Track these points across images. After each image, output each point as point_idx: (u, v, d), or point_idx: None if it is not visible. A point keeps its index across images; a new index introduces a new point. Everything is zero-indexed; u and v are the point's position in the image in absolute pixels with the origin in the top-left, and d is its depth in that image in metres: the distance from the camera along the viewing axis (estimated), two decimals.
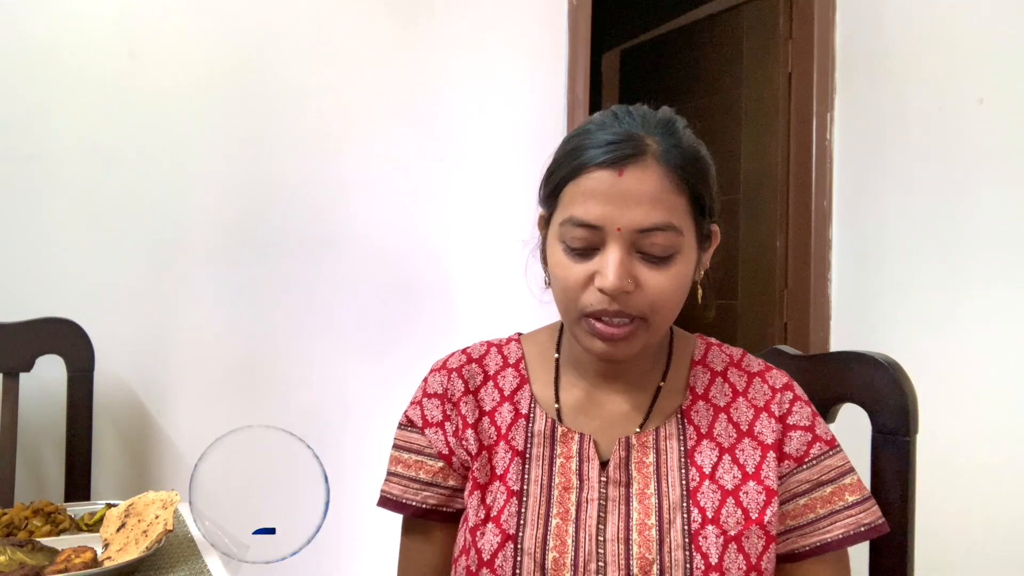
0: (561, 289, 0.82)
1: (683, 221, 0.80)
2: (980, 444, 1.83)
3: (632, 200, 0.77)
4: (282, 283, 1.76)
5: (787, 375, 0.90)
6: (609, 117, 0.83)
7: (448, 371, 0.94)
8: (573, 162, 0.80)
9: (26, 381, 1.45)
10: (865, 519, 0.83)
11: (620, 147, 0.78)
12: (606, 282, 0.77)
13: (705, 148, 0.85)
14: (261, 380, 1.74)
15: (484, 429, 0.90)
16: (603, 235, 0.78)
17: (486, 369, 0.94)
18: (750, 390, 0.88)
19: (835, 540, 0.83)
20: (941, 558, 1.82)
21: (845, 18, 2.28)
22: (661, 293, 0.79)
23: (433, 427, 0.92)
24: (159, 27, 1.66)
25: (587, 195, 0.78)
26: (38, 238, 1.57)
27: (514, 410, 0.90)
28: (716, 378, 0.90)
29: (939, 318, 1.96)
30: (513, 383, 0.92)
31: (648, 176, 0.78)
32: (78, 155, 1.60)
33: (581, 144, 0.81)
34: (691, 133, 0.84)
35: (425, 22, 1.90)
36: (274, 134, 1.76)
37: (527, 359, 0.94)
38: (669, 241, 0.78)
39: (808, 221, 2.33)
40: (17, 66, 1.56)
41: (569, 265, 0.80)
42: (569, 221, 0.80)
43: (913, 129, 2.05)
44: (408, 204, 1.88)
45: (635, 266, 0.78)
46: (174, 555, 1.02)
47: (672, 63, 2.94)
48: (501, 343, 0.96)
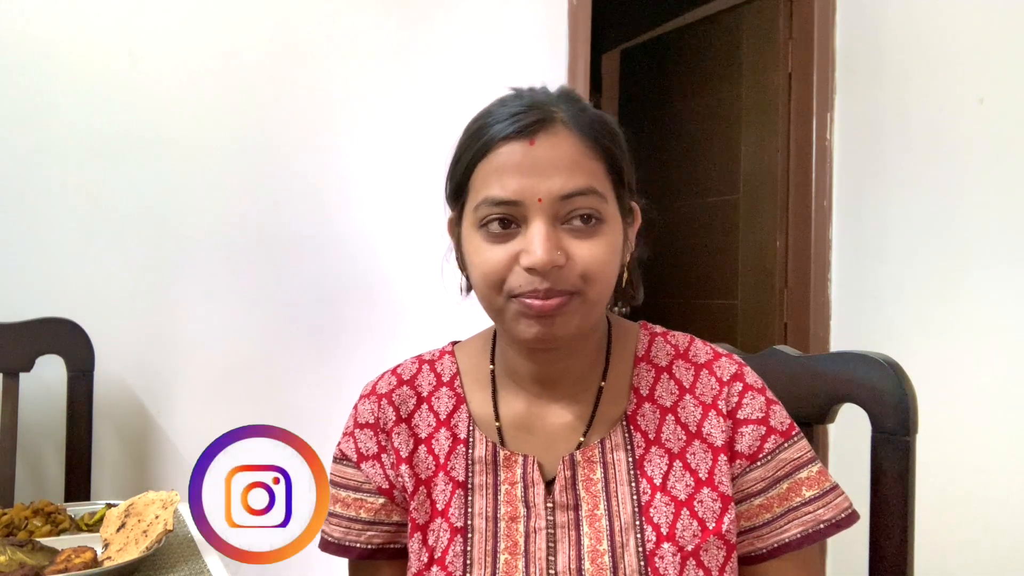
0: (481, 277, 0.75)
1: (604, 187, 0.75)
2: (980, 444, 1.83)
3: (549, 167, 0.72)
4: (282, 283, 1.76)
5: (737, 360, 0.84)
6: (509, 96, 0.79)
7: (378, 397, 0.86)
8: (478, 143, 0.75)
9: (26, 381, 1.45)
10: (824, 515, 0.78)
11: (527, 115, 0.73)
12: (534, 258, 0.70)
13: (615, 120, 0.80)
14: (261, 380, 1.74)
15: (421, 460, 0.83)
16: (523, 210, 0.72)
17: (419, 391, 0.86)
18: (697, 385, 0.81)
19: (793, 540, 0.77)
20: (941, 558, 1.81)
21: (845, 18, 2.28)
22: (593, 261, 0.72)
23: (369, 460, 0.84)
24: (159, 27, 1.66)
25: (499, 171, 0.73)
26: (38, 238, 1.57)
27: (452, 436, 0.83)
28: (661, 375, 0.83)
29: (939, 318, 1.95)
30: (449, 405, 0.85)
31: (561, 141, 0.73)
32: (78, 155, 1.60)
33: (484, 123, 0.76)
34: (594, 106, 0.80)
35: (425, 22, 1.90)
36: (274, 134, 1.76)
37: (462, 374, 0.86)
38: (594, 206, 0.73)
39: (808, 221, 2.33)
40: (17, 66, 1.56)
41: (488, 249, 0.74)
42: (484, 203, 0.73)
43: (913, 129, 2.05)
44: (408, 204, 1.87)
45: (562, 238, 0.72)
46: (174, 555, 1.02)
47: (672, 63, 2.94)
48: (434, 358, 0.89)
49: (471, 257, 0.77)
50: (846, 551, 1.03)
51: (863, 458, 0.94)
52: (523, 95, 0.78)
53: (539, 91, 0.79)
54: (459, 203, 0.80)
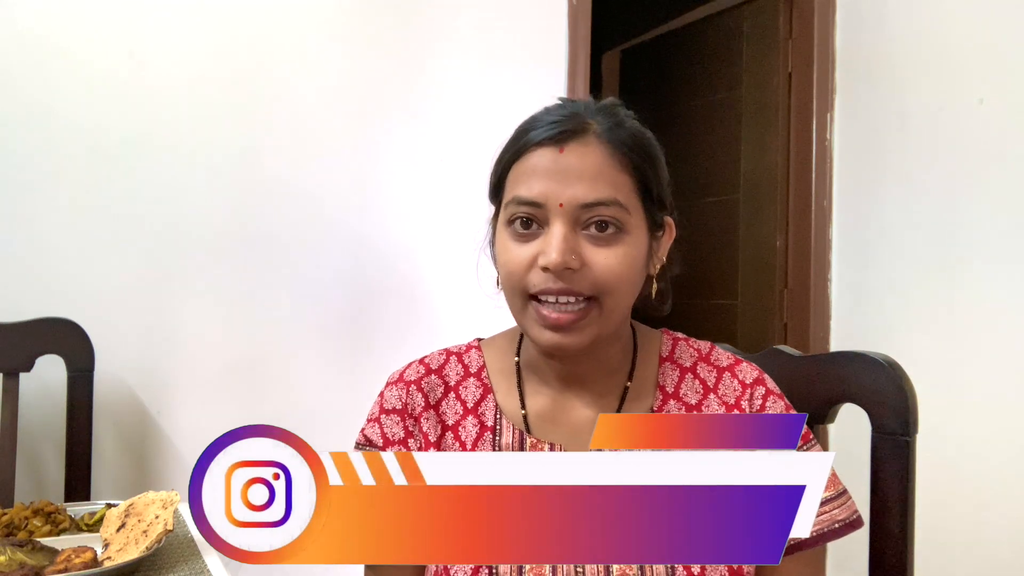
0: (506, 274, 0.80)
1: (629, 200, 0.78)
2: (980, 444, 1.83)
3: (574, 175, 0.76)
4: (282, 283, 1.76)
5: (758, 368, 0.87)
6: (555, 104, 0.84)
7: (406, 384, 0.88)
8: (516, 145, 0.80)
9: (26, 381, 1.45)
10: (840, 515, 0.81)
11: (562, 124, 0.78)
12: (549, 258, 0.75)
13: (652, 137, 0.84)
14: (261, 380, 1.74)
15: (448, 446, 0.85)
16: (546, 212, 0.76)
17: (446, 380, 0.88)
18: (720, 386, 0.85)
19: (809, 538, 0.79)
20: (941, 559, 1.81)
21: (845, 18, 2.28)
22: (608, 271, 0.76)
23: (395, 445, 0.86)
24: (159, 27, 1.66)
25: (529, 173, 0.78)
26: (38, 238, 1.57)
27: (479, 423, 0.86)
28: (686, 375, 0.86)
29: (939, 318, 1.95)
30: (476, 394, 0.87)
31: (590, 151, 0.77)
32: (78, 155, 1.60)
33: (526, 127, 0.81)
34: (635, 121, 0.83)
35: (424, 22, 1.90)
36: (274, 134, 1.76)
37: (488, 367, 0.89)
38: (614, 216, 0.76)
39: (808, 221, 2.33)
40: (17, 66, 1.56)
41: (513, 248, 0.79)
42: (513, 201, 0.78)
43: (913, 129, 2.05)
44: (408, 205, 1.88)
45: (580, 244, 0.76)
46: (174, 555, 1.02)
47: (672, 63, 2.94)
48: (460, 351, 0.91)
49: (500, 254, 0.81)
50: (846, 551, 1.03)
51: (863, 458, 0.94)
52: (566, 105, 0.83)
53: (582, 102, 0.83)
54: (497, 200, 0.84)
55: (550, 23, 2.03)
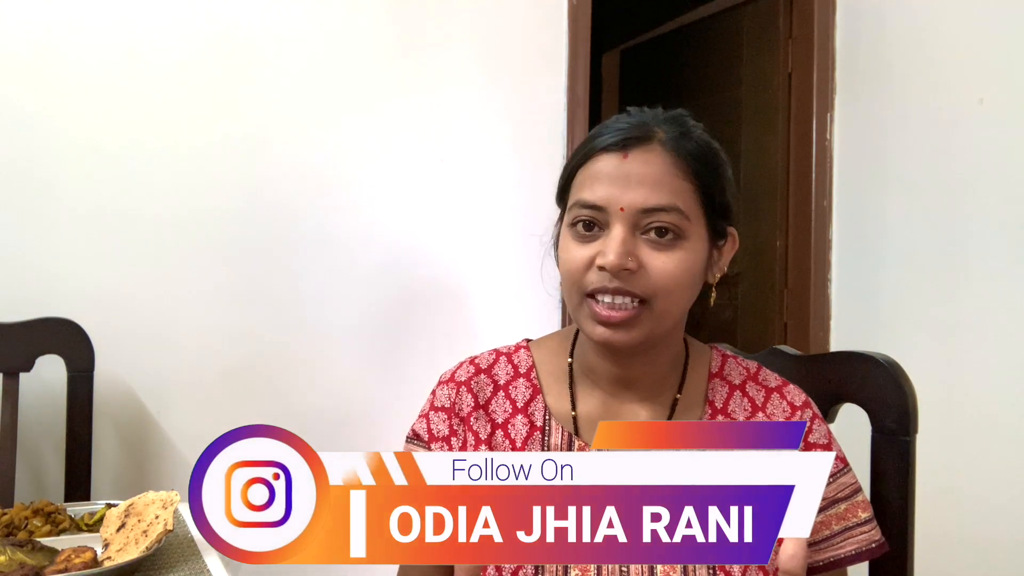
0: (566, 272, 0.82)
1: (690, 208, 0.80)
2: (980, 444, 1.83)
3: (635, 181, 0.78)
4: (283, 283, 1.76)
5: (804, 392, 0.89)
6: (624, 113, 0.86)
7: (456, 384, 0.90)
8: (584, 150, 0.83)
9: (26, 381, 1.45)
10: (875, 536, 0.84)
11: (629, 131, 0.81)
12: (606, 259, 0.77)
13: (719, 147, 0.86)
14: (261, 381, 1.74)
15: (498, 444, 0.87)
16: (607, 216, 0.79)
17: (496, 379, 0.90)
18: (768, 405, 0.87)
19: (847, 556, 0.83)
20: (941, 559, 1.81)
21: (845, 18, 2.28)
22: (664, 274, 0.78)
23: (439, 442, 0.89)
24: (159, 27, 1.66)
25: (593, 177, 0.80)
26: (38, 238, 1.57)
27: (529, 423, 0.87)
28: (735, 392, 0.88)
29: (939, 318, 1.95)
30: (526, 394, 0.89)
31: (653, 158, 0.79)
32: (78, 155, 1.60)
33: (595, 133, 0.84)
34: (703, 132, 0.86)
35: (424, 22, 1.90)
36: (275, 134, 1.76)
37: (538, 368, 0.91)
38: (674, 222, 0.78)
39: (808, 221, 2.33)
40: (17, 66, 1.56)
41: (574, 248, 0.81)
42: (576, 204, 0.81)
43: (913, 129, 2.05)
44: (408, 205, 1.87)
45: (639, 247, 0.79)
46: (174, 555, 1.02)
47: (672, 63, 2.94)
48: (510, 351, 0.93)
49: (561, 253, 0.84)
50: None
51: (863, 458, 0.94)
52: (634, 113, 0.85)
53: (650, 111, 0.86)
54: (563, 202, 0.87)
55: (550, 23, 2.03)
